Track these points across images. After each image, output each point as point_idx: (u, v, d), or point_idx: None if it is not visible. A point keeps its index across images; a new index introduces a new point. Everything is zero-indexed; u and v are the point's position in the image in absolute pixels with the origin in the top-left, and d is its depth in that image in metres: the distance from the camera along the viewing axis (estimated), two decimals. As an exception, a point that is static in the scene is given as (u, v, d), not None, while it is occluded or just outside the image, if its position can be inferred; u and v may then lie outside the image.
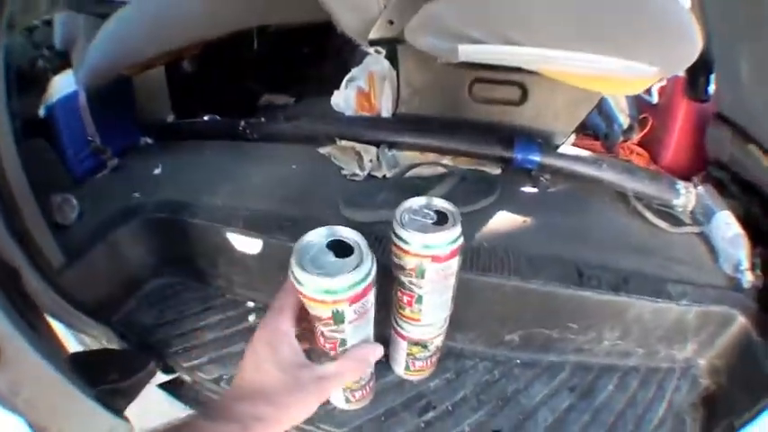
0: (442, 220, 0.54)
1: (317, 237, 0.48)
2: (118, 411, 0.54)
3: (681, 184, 0.97)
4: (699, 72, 1.26)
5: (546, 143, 0.97)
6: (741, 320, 0.75)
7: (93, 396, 0.50)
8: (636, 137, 1.52)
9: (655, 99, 1.52)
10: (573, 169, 0.95)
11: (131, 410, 0.57)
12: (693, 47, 0.74)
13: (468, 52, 0.69)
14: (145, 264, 0.92)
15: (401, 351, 0.70)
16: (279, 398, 0.41)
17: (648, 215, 0.95)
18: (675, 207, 0.97)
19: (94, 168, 1.01)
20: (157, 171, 1.01)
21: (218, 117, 1.29)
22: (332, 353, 0.51)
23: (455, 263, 0.54)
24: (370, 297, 0.49)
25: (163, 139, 1.19)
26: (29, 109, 0.91)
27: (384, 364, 0.75)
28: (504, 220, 0.88)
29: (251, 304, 0.87)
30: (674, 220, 0.97)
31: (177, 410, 0.76)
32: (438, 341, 0.68)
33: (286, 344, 0.44)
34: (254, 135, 1.13)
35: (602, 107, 1.30)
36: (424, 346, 0.67)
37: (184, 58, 1.33)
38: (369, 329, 0.53)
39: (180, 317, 0.85)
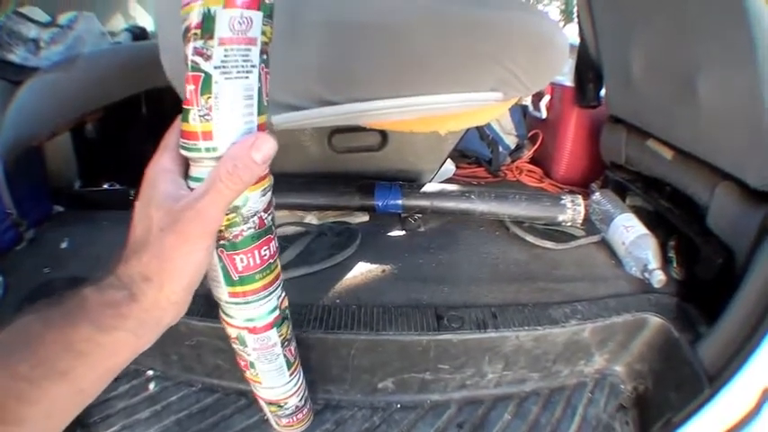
0: None
1: None
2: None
3: (566, 199, 0.97)
4: (588, 77, 1.29)
5: (411, 184, 0.98)
6: (656, 321, 0.76)
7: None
8: (526, 155, 1.54)
9: (543, 114, 1.55)
10: (440, 205, 0.95)
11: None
12: (554, 60, 0.74)
13: (279, 121, 0.69)
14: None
15: (264, 408, 0.67)
16: (160, 243, 0.34)
17: (529, 238, 0.95)
18: (563, 223, 0.97)
19: (13, 241, 1.01)
20: (64, 245, 1.02)
21: (116, 184, 1.32)
22: None
23: (274, 334, 0.53)
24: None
25: (71, 206, 1.20)
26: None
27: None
28: (360, 273, 0.87)
29: (150, 373, 0.86)
30: (566, 236, 0.97)
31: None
32: (294, 401, 0.64)
33: (166, 180, 0.37)
34: None
35: (484, 132, 1.31)
36: (280, 406, 0.63)
37: (87, 122, 1.37)
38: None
39: None
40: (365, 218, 1.03)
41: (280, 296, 0.51)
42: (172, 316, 0.36)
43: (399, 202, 0.95)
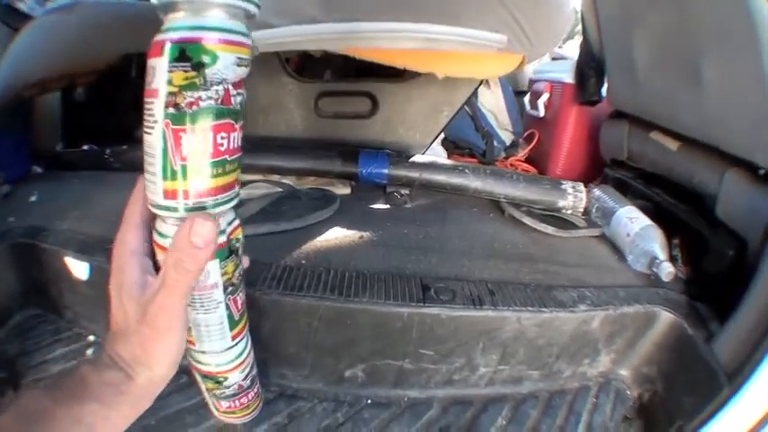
0: None
1: None
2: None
3: (567, 184, 0.91)
4: (590, 72, 1.27)
5: (400, 153, 0.90)
6: (667, 316, 0.68)
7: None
8: (522, 153, 1.53)
9: (542, 113, 1.52)
10: (429, 178, 0.87)
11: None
12: (558, 19, 0.72)
13: (265, 37, 0.63)
14: (13, 292, 0.89)
15: (201, 386, 0.55)
16: (139, 334, 0.38)
17: (527, 220, 0.88)
18: (563, 210, 0.91)
19: (-13, 194, 1.05)
20: (33, 198, 1.03)
21: (95, 147, 1.29)
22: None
23: (213, 269, 0.41)
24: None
25: (50, 168, 1.23)
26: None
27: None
28: (334, 237, 0.78)
29: (91, 338, 0.83)
30: (566, 224, 0.90)
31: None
32: (237, 377, 0.52)
33: (133, 266, 0.39)
34: (117, 164, 1.16)
35: (479, 123, 1.27)
36: (218, 382, 0.51)
37: (79, 85, 1.33)
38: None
39: (35, 348, 0.81)
40: (347, 190, 0.95)
41: (231, 221, 0.41)
42: (163, 385, 0.40)
43: (385, 171, 0.87)
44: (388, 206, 0.92)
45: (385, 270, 0.68)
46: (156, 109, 0.34)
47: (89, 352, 0.81)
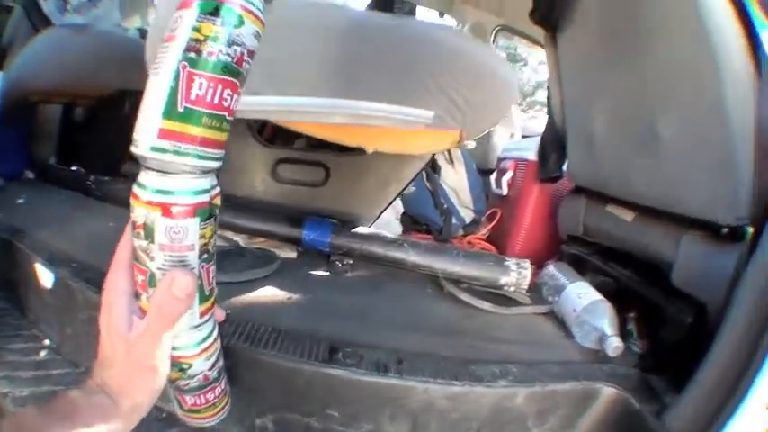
0: None
1: None
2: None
3: (511, 261, 0.91)
4: (552, 149, 1.28)
5: (344, 224, 0.95)
6: (610, 392, 0.67)
7: None
8: (483, 231, 1.51)
9: (505, 191, 1.53)
10: (369, 250, 0.91)
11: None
12: (497, 95, 0.73)
13: None
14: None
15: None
16: (123, 368, 0.42)
17: (464, 296, 0.88)
18: (505, 287, 0.90)
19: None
20: (20, 201, 1.16)
21: (83, 170, 1.41)
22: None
23: (192, 227, 0.40)
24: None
25: (40, 176, 1.36)
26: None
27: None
28: (264, 295, 0.81)
29: (46, 342, 0.89)
30: (509, 301, 0.90)
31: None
32: (202, 365, 0.47)
33: (122, 305, 0.42)
34: (98, 192, 1.24)
35: (438, 200, 1.32)
36: (183, 369, 0.47)
37: (79, 105, 1.45)
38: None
39: None
40: (293, 254, 0.99)
41: (214, 185, 0.42)
42: (146, 412, 0.44)
43: (327, 239, 0.91)
44: (328, 273, 0.94)
45: (300, 329, 0.71)
46: (172, 52, 0.36)
47: (42, 353, 0.86)
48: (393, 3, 2.37)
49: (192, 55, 0.35)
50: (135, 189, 0.39)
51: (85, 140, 1.45)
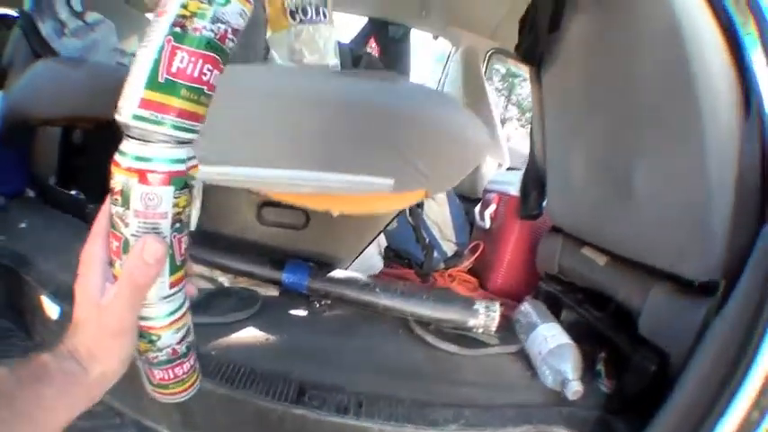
0: None
1: None
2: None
3: (480, 304, 0.94)
4: (533, 187, 1.30)
5: (323, 266, 1.00)
6: None
7: None
8: (464, 264, 1.54)
9: (488, 224, 1.56)
10: (343, 293, 0.97)
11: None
12: (461, 158, 0.75)
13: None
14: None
15: (136, 355, 0.52)
16: (94, 331, 0.42)
17: (430, 339, 0.93)
18: (474, 329, 0.94)
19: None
20: (23, 225, 1.17)
21: (82, 194, 1.42)
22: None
23: (167, 194, 0.41)
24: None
25: (40, 195, 1.38)
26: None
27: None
28: (244, 336, 0.87)
29: None
30: (477, 343, 0.93)
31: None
32: (171, 338, 0.47)
33: (96, 271, 0.43)
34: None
35: (420, 234, 1.37)
36: (151, 341, 0.47)
37: (78, 128, 1.47)
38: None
39: (3, 356, 0.88)
40: (275, 293, 1.04)
41: (191, 157, 0.43)
42: (115, 378, 0.44)
43: (305, 282, 0.97)
44: (306, 313, 0.99)
45: (275, 371, 0.77)
46: (160, 26, 0.38)
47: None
48: (388, 27, 2.45)
49: (178, 30, 0.37)
50: (116, 156, 0.40)
51: (84, 163, 1.48)
